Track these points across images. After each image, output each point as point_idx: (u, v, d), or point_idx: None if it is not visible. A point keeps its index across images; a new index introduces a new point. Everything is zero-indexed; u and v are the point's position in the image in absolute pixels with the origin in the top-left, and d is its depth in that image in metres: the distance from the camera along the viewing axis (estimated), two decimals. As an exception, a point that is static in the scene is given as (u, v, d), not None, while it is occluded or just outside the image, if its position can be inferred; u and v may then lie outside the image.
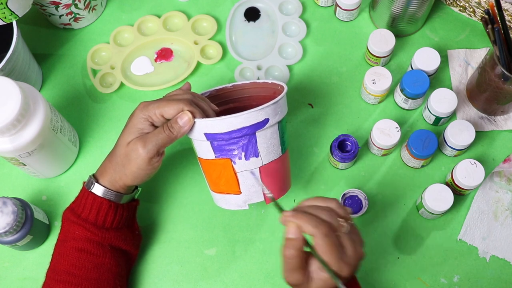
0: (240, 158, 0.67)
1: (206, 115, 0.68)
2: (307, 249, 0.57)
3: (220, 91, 0.79)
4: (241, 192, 0.69)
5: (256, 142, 0.67)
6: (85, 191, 0.69)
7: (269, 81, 0.77)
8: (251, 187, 0.69)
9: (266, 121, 0.66)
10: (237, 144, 0.66)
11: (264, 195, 0.69)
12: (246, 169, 0.68)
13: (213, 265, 0.79)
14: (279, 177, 0.71)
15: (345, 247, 0.57)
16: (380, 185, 0.82)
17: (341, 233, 0.57)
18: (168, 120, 0.67)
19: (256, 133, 0.66)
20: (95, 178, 0.70)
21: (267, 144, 0.68)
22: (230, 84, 0.78)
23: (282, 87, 0.73)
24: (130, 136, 0.67)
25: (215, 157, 0.68)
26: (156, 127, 0.68)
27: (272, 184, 0.70)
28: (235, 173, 0.68)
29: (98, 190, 0.68)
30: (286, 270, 0.58)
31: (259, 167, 0.68)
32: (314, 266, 0.57)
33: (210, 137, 0.66)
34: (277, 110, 0.67)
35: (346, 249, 0.56)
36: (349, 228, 0.57)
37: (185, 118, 0.65)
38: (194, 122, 0.66)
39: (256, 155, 0.67)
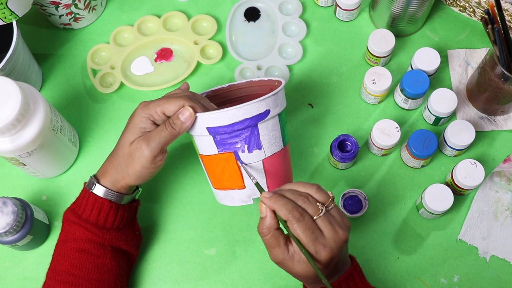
0: (243, 151, 0.67)
1: (207, 111, 0.68)
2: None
3: (216, 92, 0.79)
4: (245, 186, 0.69)
5: (258, 134, 0.67)
6: (86, 191, 0.69)
7: (266, 79, 0.77)
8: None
9: (267, 112, 0.66)
10: (239, 137, 0.66)
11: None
12: (250, 162, 0.68)
13: (213, 265, 0.79)
14: (282, 170, 0.71)
15: (323, 230, 0.58)
16: (380, 185, 0.82)
17: (319, 217, 0.58)
18: (169, 117, 0.67)
19: (258, 125, 0.67)
20: (96, 178, 0.70)
21: (269, 136, 0.68)
22: (227, 85, 0.78)
23: (279, 82, 0.73)
24: (133, 135, 0.67)
25: (218, 151, 0.68)
26: (157, 125, 0.68)
27: (275, 176, 0.70)
28: (239, 167, 0.68)
29: (99, 190, 0.68)
30: (267, 248, 0.61)
31: (262, 160, 0.68)
32: (295, 248, 0.59)
33: (212, 131, 0.66)
34: (277, 101, 0.68)
35: (324, 232, 0.58)
36: (327, 211, 0.60)
37: (186, 113, 0.66)
38: (196, 117, 0.66)
39: (259, 147, 0.68)
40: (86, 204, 0.68)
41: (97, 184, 0.69)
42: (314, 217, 0.59)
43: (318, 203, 0.59)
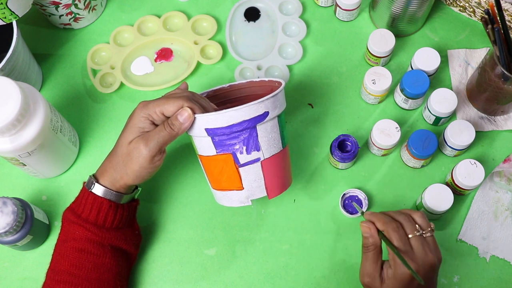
0: (241, 153, 0.67)
1: (206, 112, 0.68)
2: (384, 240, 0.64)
3: (217, 92, 0.79)
4: (243, 188, 0.69)
5: (257, 135, 0.67)
6: (85, 191, 0.69)
7: (266, 79, 0.77)
8: (253, 182, 0.69)
9: (266, 114, 0.66)
10: (238, 138, 0.66)
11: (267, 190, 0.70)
12: (249, 164, 0.68)
13: (213, 265, 0.79)
14: (280, 171, 0.71)
15: (414, 248, 0.63)
16: (380, 185, 0.82)
17: (413, 236, 0.64)
18: (168, 117, 0.67)
19: (257, 127, 0.67)
20: (95, 178, 0.70)
21: (268, 138, 0.68)
22: (227, 85, 0.78)
23: (280, 83, 0.73)
24: (131, 135, 0.67)
25: (216, 152, 0.68)
26: (156, 125, 0.68)
27: (274, 178, 0.70)
28: (237, 168, 0.68)
29: (98, 190, 0.68)
30: (363, 264, 0.65)
31: (261, 161, 0.68)
32: (386, 267, 0.64)
33: (211, 132, 0.66)
34: (276, 103, 0.68)
35: (414, 250, 0.63)
36: (423, 236, 0.64)
37: (185, 114, 0.66)
38: (195, 118, 0.66)
39: (258, 149, 0.68)
40: (85, 204, 0.68)
41: (96, 184, 0.69)
42: (410, 235, 0.63)
43: (416, 225, 0.65)
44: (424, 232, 0.64)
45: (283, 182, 0.72)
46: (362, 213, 0.69)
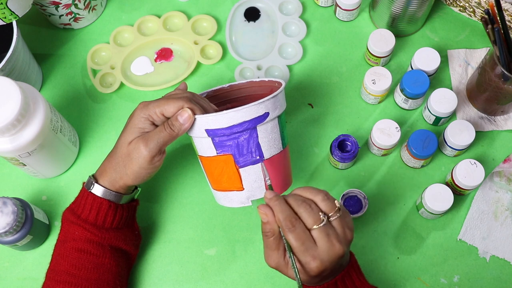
0: (242, 154, 0.67)
1: (206, 112, 0.68)
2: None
3: (217, 92, 0.79)
4: (243, 188, 0.69)
5: (257, 136, 0.67)
6: (85, 191, 0.69)
7: (266, 79, 0.77)
8: (254, 182, 0.69)
9: (266, 115, 0.66)
10: (238, 139, 0.66)
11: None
12: (249, 165, 0.68)
13: (213, 265, 0.79)
14: (281, 172, 0.71)
15: (317, 241, 0.58)
16: (380, 185, 0.82)
17: (317, 228, 0.58)
18: (168, 118, 0.67)
19: (257, 127, 0.67)
20: (94, 178, 0.70)
21: (268, 139, 0.68)
22: (227, 85, 0.78)
23: (280, 84, 0.73)
24: (131, 135, 0.67)
25: (217, 153, 0.68)
26: (156, 126, 0.68)
27: (274, 178, 0.70)
28: (237, 169, 0.68)
29: (97, 190, 0.68)
30: (265, 250, 0.61)
31: (261, 162, 0.68)
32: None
33: (211, 133, 0.66)
34: (276, 104, 0.68)
35: (318, 243, 0.58)
36: (329, 222, 0.59)
37: (185, 115, 0.66)
38: (195, 119, 0.66)
39: (258, 149, 0.68)
40: (85, 204, 0.68)
41: (95, 184, 0.69)
42: (314, 227, 0.58)
43: (320, 213, 0.59)
44: (330, 216, 0.59)
45: (283, 182, 0.72)
46: (270, 186, 0.66)
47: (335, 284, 0.62)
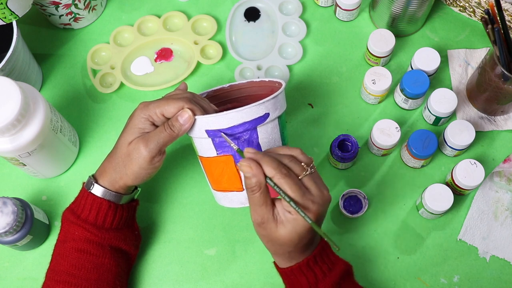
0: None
1: (206, 113, 0.68)
2: (272, 185, 0.59)
3: (217, 92, 0.79)
4: (243, 189, 0.69)
5: (257, 137, 0.67)
6: (85, 191, 0.69)
7: (266, 79, 0.77)
8: None
9: (266, 115, 0.66)
10: (238, 140, 0.66)
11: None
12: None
13: (213, 265, 0.79)
14: None
15: (309, 187, 0.59)
16: (380, 185, 0.82)
17: (304, 176, 0.59)
18: (168, 119, 0.67)
19: (257, 128, 0.67)
20: (94, 178, 0.70)
21: (268, 139, 0.68)
22: (227, 85, 0.78)
23: (280, 84, 0.73)
24: (131, 136, 0.67)
25: (217, 154, 0.68)
26: (156, 126, 0.68)
27: None
28: (238, 169, 0.68)
29: (97, 190, 0.68)
30: (251, 207, 0.60)
31: None
32: (280, 208, 0.59)
33: (211, 133, 0.66)
34: (276, 104, 0.68)
35: (310, 189, 0.59)
36: (312, 172, 0.60)
37: (185, 115, 0.66)
38: (195, 120, 0.66)
39: (258, 150, 0.68)
40: (84, 204, 0.68)
41: (95, 184, 0.69)
42: (300, 177, 0.59)
43: (302, 163, 0.60)
44: (310, 168, 0.60)
45: None
46: (239, 150, 0.63)
47: (314, 259, 0.63)
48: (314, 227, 0.58)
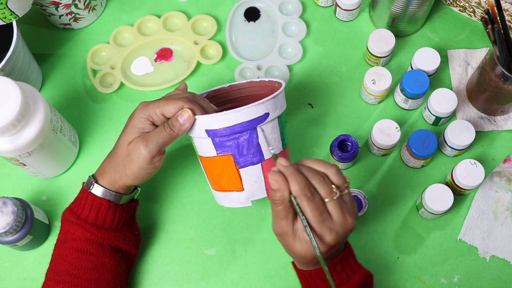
0: (242, 154, 0.67)
1: (206, 113, 0.68)
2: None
3: (217, 92, 0.79)
4: (243, 189, 0.69)
5: (257, 137, 0.67)
6: (85, 191, 0.69)
7: (266, 79, 0.77)
8: (254, 183, 0.69)
9: (266, 115, 0.66)
10: (238, 140, 0.66)
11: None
12: (249, 165, 0.68)
13: (213, 265, 0.79)
14: None
15: (332, 213, 0.58)
16: (380, 185, 0.82)
17: (331, 200, 0.57)
18: (168, 118, 0.67)
19: (257, 128, 0.67)
20: (94, 178, 0.70)
21: (268, 139, 0.68)
22: (227, 85, 0.78)
23: (280, 84, 0.73)
24: (131, 136, 0.67)
25: (217, 154, 0.68)
26: (156, 126, 0.68)
27: None
28: (237, 170, 0.68)
29: (97, 190, 0.68)
30: (273, 217, 0.60)
31: (261, 163, 0.68)
32: (300, 225, 0.58)
33: (211, 133, 0.66)
34: (276, 104, 0.68)
35: (332, 216, 0.58)
36: (340, 196, 0.58)
37: (185, 115, 0.66)
38: (195, 119, 0.66)
39: (258, 150, 0.67)
40: (84, 204, 0.69)
41: (95, 184, 0.69)
42: (326, 200, 0.57)
43: (333, 186, 0.58)
44: (341, 191, 0.58)
45: None
46: (274, 156, 0.62)
47: (334, 267, 0.62)
48: (320, 261, 0.57)
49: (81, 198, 0.69)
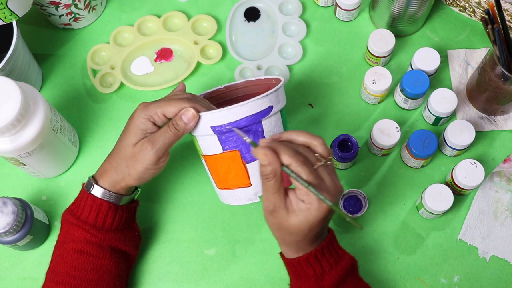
0: (248, 149, 0.67)
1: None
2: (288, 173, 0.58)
3: (213, 94, 0.78)
4: (251, 184, 0.69)
5: (262, 130, 0.67)
6: (84, 192, 0.69)
7: (262, 77, 0.77)
8: None
9: (270, 108, 0.66)
10: (246, 134, 0.67)
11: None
12: (255, 159, 0.68)
13: (213, 265, 0.79)
14: None
15: (323, 178, 0.59)
16: (380, 185, 0.82)
17: (318, 167, 0.59)
18: (169, 119, 0.67)
19: (262, 121, 0.67)
20: (94, 179, 0.70)
21: (273, 132, 0.68)
22: (223, 86, 0.78)
23: (277, 80, 0.73)
24: (135, 137, 0.67)
25: (223, 150, 0.68)
26: (158, 127, 0.68)
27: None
28: (244, 165, 0.68)
29: (97, 191, 0.69)
30: (264, 194, 0.60)
31: None
32: (294, 197, 0.59)
33: (217, 130, 0.66)
34: (279, 98, 0.68)
35: (324, 179, 0.59)
36: (327, 164, 0.60)
37: (189, 114, 0.66)
38: (200, 117, 0.66)
39: None
40: (84, 205, 0.69)
41: (95, 185, 0.69)
42: (314, 166, 0.59)
43: (316, 154, 0.60)
44: (326, 160, 0.60)
45: (287, 176, 0.72)
46: (252, 142, 0.62)
47: (322, 251, 0.63)
48: (335, 208, 0.57)
49: (80, 199, 0.69)
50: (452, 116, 0.86)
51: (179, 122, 0.66)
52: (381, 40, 0.85)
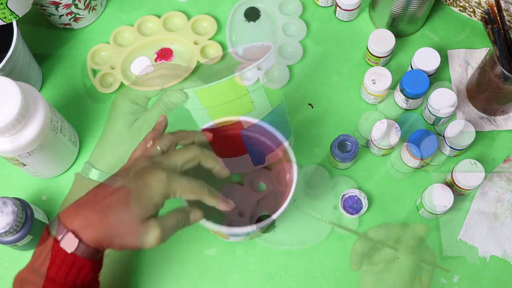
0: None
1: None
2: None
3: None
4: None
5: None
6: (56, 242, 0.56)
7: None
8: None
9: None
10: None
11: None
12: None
13: (213, 265, 0.79)
14: None
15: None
16: (380, 185, 0.82)
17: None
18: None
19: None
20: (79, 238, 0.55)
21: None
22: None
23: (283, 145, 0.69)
24: (147, 211, 0.58)
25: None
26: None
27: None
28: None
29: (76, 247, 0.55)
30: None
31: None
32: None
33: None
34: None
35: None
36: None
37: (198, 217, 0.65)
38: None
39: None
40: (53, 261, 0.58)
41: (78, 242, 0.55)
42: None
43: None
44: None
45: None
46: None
47: None
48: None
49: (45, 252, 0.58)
50: (452, 116, 0.86)
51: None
52: (381, 40, 0.85)
